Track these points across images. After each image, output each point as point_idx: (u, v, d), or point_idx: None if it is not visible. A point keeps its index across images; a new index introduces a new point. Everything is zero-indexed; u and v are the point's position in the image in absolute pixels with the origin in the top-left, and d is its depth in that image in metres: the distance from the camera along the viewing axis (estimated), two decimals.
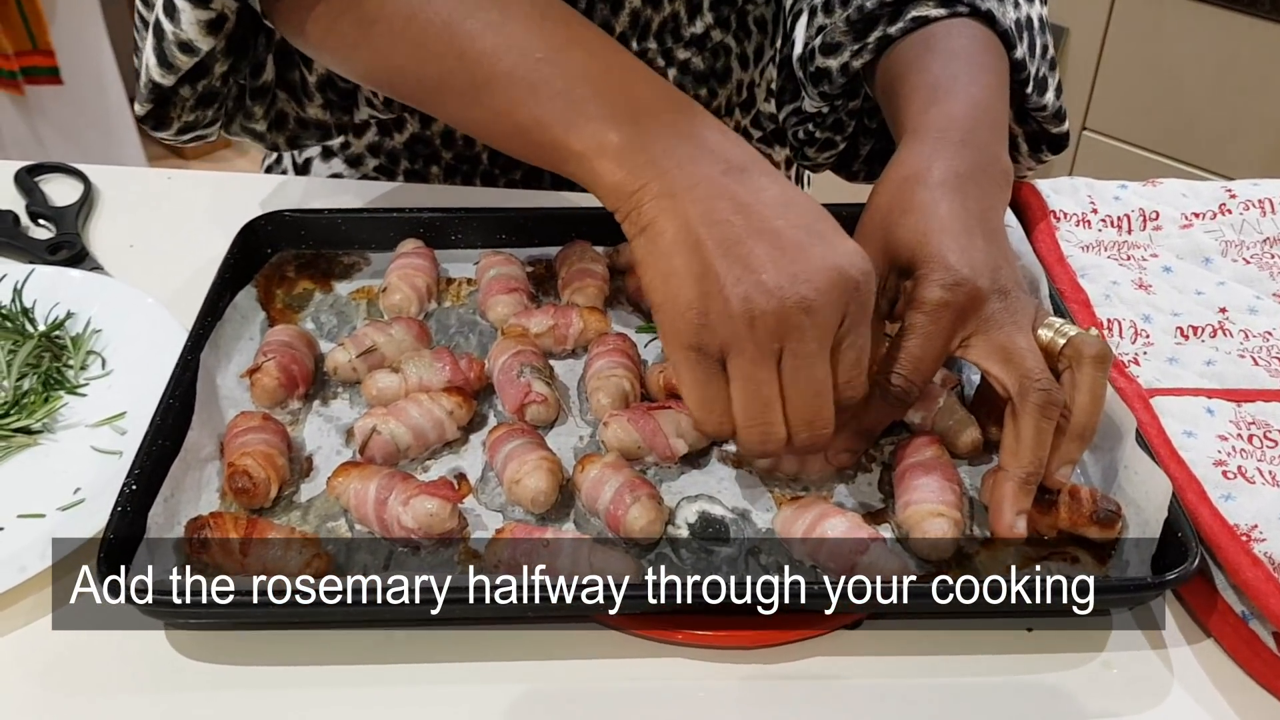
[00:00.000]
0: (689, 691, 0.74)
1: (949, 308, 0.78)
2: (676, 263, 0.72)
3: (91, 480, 0.85)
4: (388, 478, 0.79)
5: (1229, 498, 0.79)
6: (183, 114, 0.94)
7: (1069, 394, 0.78)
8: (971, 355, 0.80)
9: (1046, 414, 0.77)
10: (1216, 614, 0.78)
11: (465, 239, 1.07)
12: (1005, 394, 0.78)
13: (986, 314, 0.79)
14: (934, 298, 0.78)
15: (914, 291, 0.79)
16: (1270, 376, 0.92)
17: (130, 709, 0.73)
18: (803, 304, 0.70)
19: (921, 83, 0.91)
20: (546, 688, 0.74)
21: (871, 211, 0.85)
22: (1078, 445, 0.79)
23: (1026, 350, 0.78)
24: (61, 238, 1.11)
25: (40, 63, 3.00)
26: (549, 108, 0.76)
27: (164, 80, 0.90)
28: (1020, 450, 0.77)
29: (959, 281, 0.78)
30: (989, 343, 0.79)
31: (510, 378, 0.89)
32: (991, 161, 0.86)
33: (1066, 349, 0.79)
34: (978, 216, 0.82)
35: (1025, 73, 0.96)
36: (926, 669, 0.76)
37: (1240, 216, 1.10)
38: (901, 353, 0.80)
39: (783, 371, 0.72)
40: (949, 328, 0.79)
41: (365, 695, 0.73)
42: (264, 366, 0.88)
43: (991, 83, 0.91)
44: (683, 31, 1.16)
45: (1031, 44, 0.97)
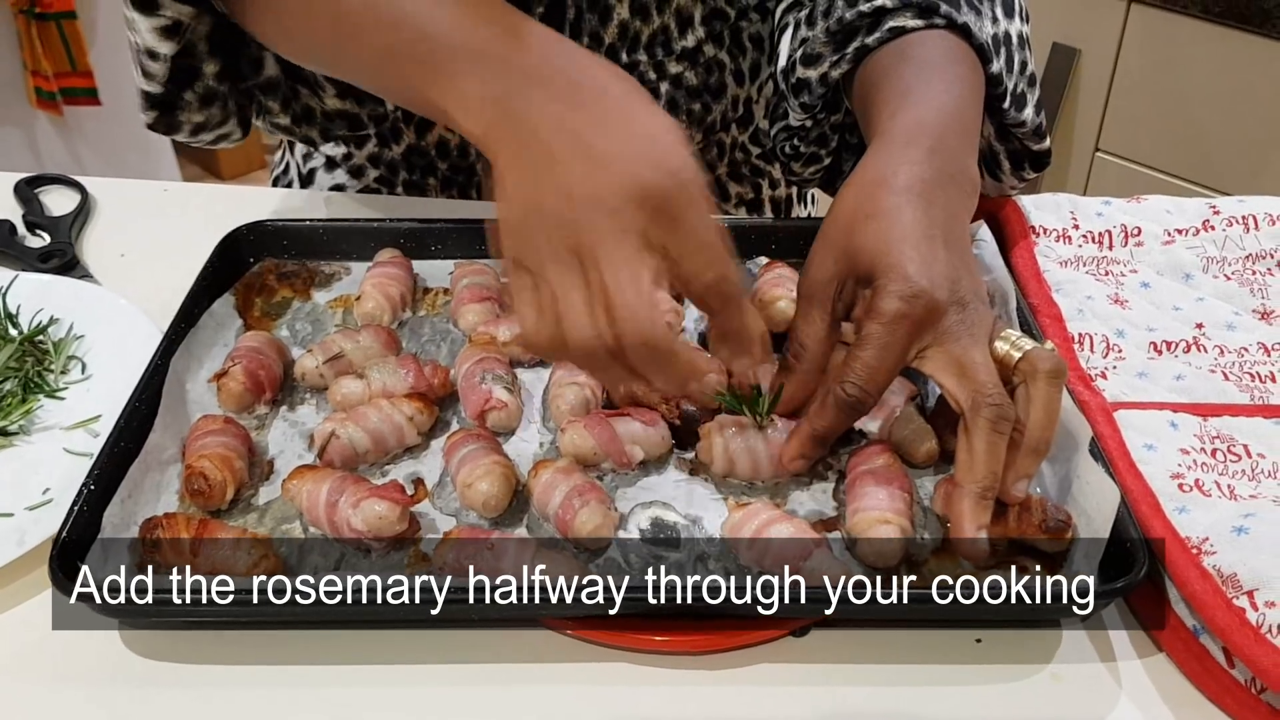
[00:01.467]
0: (632, 697, 0.74)
1: (906, 319, 0.78)
2: (508, 187, 0.74)
3: (61, 481, 0.87)
4: (339, 480, 0.80)
5: (1183, 510, 0.79)
6: (191, 116, 0.99)
7: (1023, 409, 0.79)
8: (927, 368, 0.81)
9: (998, 429, 0.77)
10: (1168, 628, 0.77)
11: (444, 250, 1.08)
12: (959, 408, 0.79)
13: (943, 327, 0.79)
14: (891, 309, 0.78)
15: (872, 301, 0.80)
16: (1240, 391, 0.91)
17: (81, 706, 0.74)
18: (600, 209, 0.71)
19: (893, 90, 0.92)
20: (490, 691, 0.75)
21: (835, 215, 0.85)
22: (1032, 460, 0.79)
23: (981, 364, 0.78)
24: (54, 246, 1.14)
25: (79, 84, 3.06)
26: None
27: (150, 88, 0.95)
28: (974, 465, 0.77)
29: (917, 294, 0.78)
30: (944, 355, 0.79)
31: (473, 384, 0.90)
32: (958, 170, 0.86)
33: (1021, 363, 0.79)
34: (941, 225, 0.82)
35: (1002, 87, 0.96)
36: (874, 677, 0.76)
37: (1223, 233, 1.09)
38: (857, 362, 0.80)
39: (603, 283, 0.71)
40: (905, 339, 0.79)
41: (311, 696, 0.74)
42: (231, 371, 0.89)
43: (963, 93, 0.92)
44: (673, 45, 1.17)
45: (1009, 59, 0.98)
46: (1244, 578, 0.72)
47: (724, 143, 1.28)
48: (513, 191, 0.74)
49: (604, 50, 1.14)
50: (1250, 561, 0.73)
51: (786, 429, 0.85)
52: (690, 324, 1.01)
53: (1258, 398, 0.91)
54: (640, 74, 1.16)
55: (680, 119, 1.19)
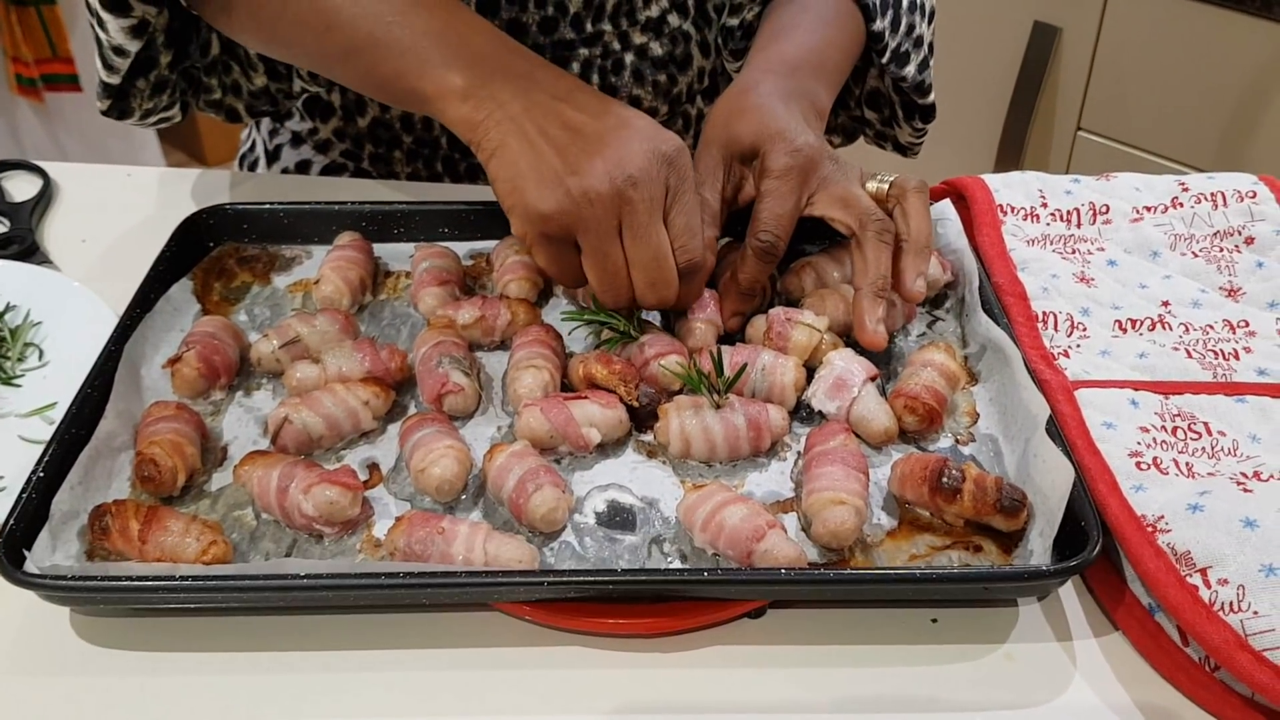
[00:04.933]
0: (587, 681, 0.74)
1: (794, 170, 0.93)
2: (522, 167, 0.84)
3: (16, 469, 0.86)
4: (290, 465, 0.79)
5: (1140, 488, 0.78)
6: (142, 103, 1.05)
7: (901, 223, 0.94)
8: (818, 210, 0.94)
9: (883, 238, 0.91)
10: (1123, 606, 0.77)
11: (407, 233, 1.07)
12: (848, 231, 0.93)
13: (824, 174, 0.94)
14: (781, 164, 0.93)
15: (763, 163, 0.94)
16: (1203, 369, 0.91)
17: (31, 693, 0.73)
18: (629, 181, 0.83)
19: (767, 30, 1.10)
20: (442, 676, 0.74)
21: (712, 120, 0.99)
22: (922, 257, 0.93)
23: (860, 196, 0.94)
24: (14, 232, 1.12)
25: (61, 70, 3.02)
26: (403, 62, 0.89)
27: (111, 80, 1.00)
28: (868, 269, 0.91)
29: (799, 148, 0.93)
30: (829, 195, 0.94)
31: (429, 368, 0.89)
32: (810, 94, 1.01)
33: (892, 190, 0.95)
34: (800, 116, 0.97)
35: (883, 43, 1.12)
36: (829, 658, 0.75)
37: (1191, 210, 1.08)
38: (763, 213, 0.93)
39: (624, 243, 0.85)
40: (797, 186, 0.93)
41: (261, 682, 0.74)
42: (184, 357, 0.89)
43: (829, 37, 1.08)
44: (638, 15, 1.17)
45: (895, 21, 1.12)
46: (1197, 555, 0.72)
47: (690, 114, 1.28)
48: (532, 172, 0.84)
49: (569, 19, 1.14)
50: (1204, 539, 0.72)
51: (743, 409, 0.84)
52: None
53: (1220, 375, 0.90)
54: (605, 44, 1.17)
55: (646, 90, 1.21)
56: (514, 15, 1.12)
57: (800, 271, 1.01)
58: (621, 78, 1.18)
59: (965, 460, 0.84)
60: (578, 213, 0.83)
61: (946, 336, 0.98)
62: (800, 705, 0.73)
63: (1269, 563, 0.70)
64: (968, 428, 0.88)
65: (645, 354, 0.90)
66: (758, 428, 0.84)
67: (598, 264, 0.86)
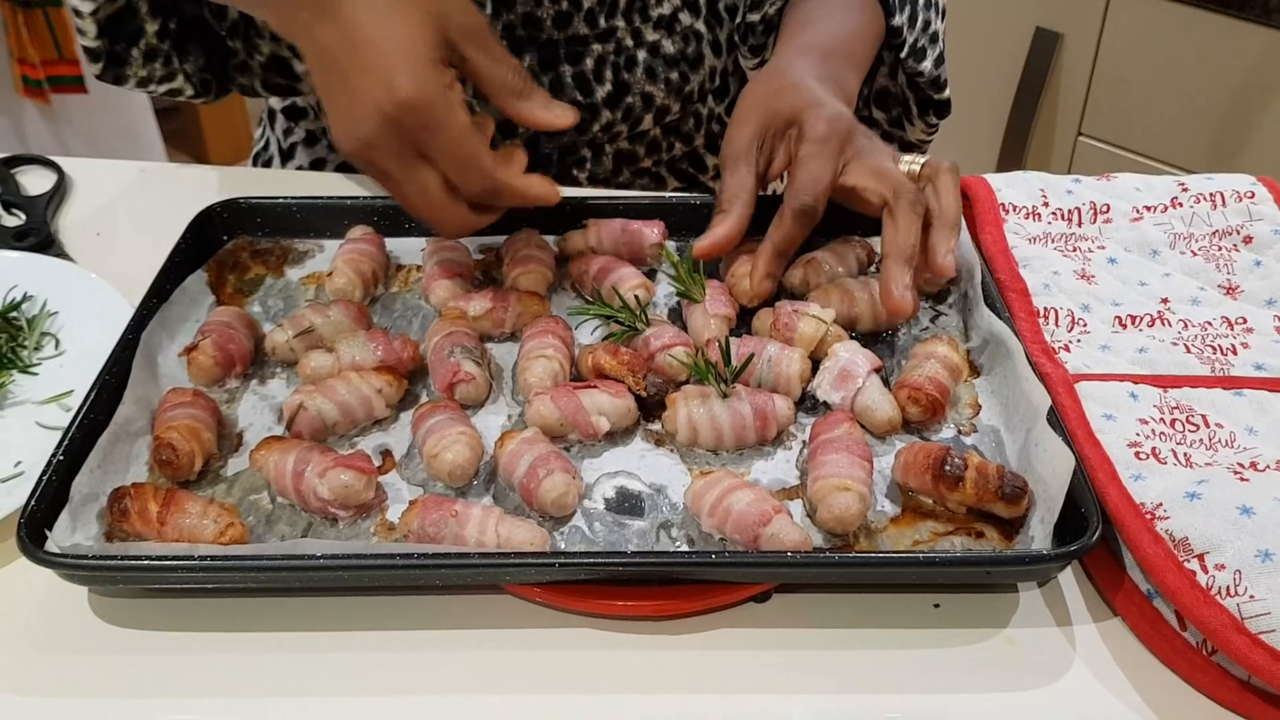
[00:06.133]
0: (595, 662, 0.75)
1: (833, 137, 0.96)
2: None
3: (33, 455, 0.88)
4: (306, 450, 0.80)
5: (1138, 477, 0.80)
6: (136, 70, 1.09)
7: (933, 199, 0.96)
8: (851, 179, 0.97)
9: (915, 210, 0.94)
10: (1122, 592, 0.78)
11: (418, 227, 1.09)
12: (881, 201, 0.95)
13: (859, 145, 0.98)
14: (820, 131, 0.96)
15: (801, 131, 0.97)
16: (1201, 364, 0.92)
17: (50, 673, 0.75)
18: (367, 143, 0.85)
19: (794, 20, 1.15)
20: (454, 656, 0.75)
21: (748, 98, 1.03)
22: (952, 232, 0.96)
23: (893, 169, 0.96)
24: (30, 225, 1.14)
25: (66, 71, 3.03)
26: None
27: (86, 44, 1.05)
28: (899, 237, 0.93)
29: (837, 116, 0.97)
30: (864, 166, 0.97)
31: (441, 357, 0.90)
32: (840, 79, 1.05)
33: (924, 170, 0.99)
34: (833, 95, 1.01)
35: (901, 38, 1.15)
36: (833, 642, 0.77)
37: (1190, 210, 1.10)
38: (801, 176, 0.96)
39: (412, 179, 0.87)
40: (835, 152, 0.96)
41: (276, 661, 0.75)
42: (200, 345, 0.90)
43: (855, 29, 1.12)
44: (650, 11, 1.19)
45: (913, 16, 1.16)
46: (1195, 541, 0.73)
47: (701, 114, 1.30)
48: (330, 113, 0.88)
49: (582, 14, 1.16)
50: (1201, 525, 0.74)
51: (749, 399, 0.86)
52: (660, 299, 1.03)
53: (1219, 370, 0.92)
54: (618, 40, 1.19)
55: (659, 87, 1.22)
56: (529, 9, 1.14)
57: (803, 265, 1.02)
58: (634, 74, 1.20)
59: (967, 450, 0.86)
60: (355, 158, 0.87)
61: (950, 330, 0.99)
62: (804, 687, 0.74)
63: (1265, 548, 0.72)
64: (970, 419, 0.90)
65: (652, 345, 0.92)
66: (764, 417, 0.86)
67: (396, 196, 0.90)
